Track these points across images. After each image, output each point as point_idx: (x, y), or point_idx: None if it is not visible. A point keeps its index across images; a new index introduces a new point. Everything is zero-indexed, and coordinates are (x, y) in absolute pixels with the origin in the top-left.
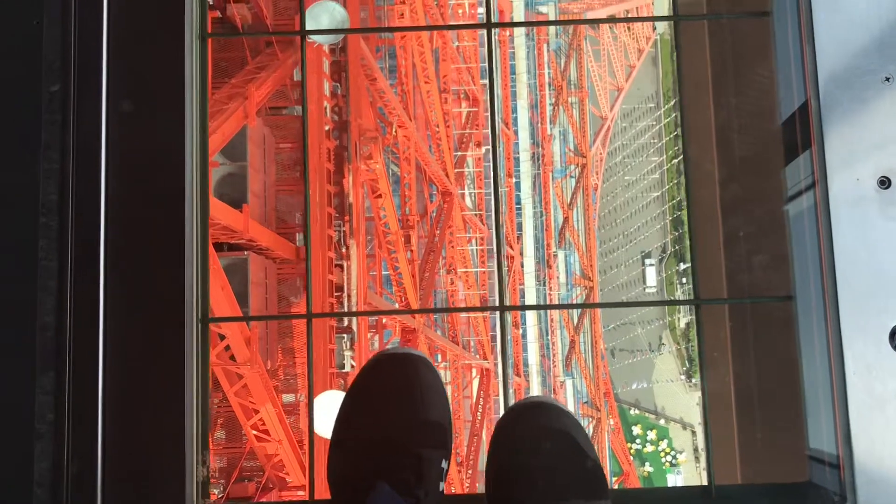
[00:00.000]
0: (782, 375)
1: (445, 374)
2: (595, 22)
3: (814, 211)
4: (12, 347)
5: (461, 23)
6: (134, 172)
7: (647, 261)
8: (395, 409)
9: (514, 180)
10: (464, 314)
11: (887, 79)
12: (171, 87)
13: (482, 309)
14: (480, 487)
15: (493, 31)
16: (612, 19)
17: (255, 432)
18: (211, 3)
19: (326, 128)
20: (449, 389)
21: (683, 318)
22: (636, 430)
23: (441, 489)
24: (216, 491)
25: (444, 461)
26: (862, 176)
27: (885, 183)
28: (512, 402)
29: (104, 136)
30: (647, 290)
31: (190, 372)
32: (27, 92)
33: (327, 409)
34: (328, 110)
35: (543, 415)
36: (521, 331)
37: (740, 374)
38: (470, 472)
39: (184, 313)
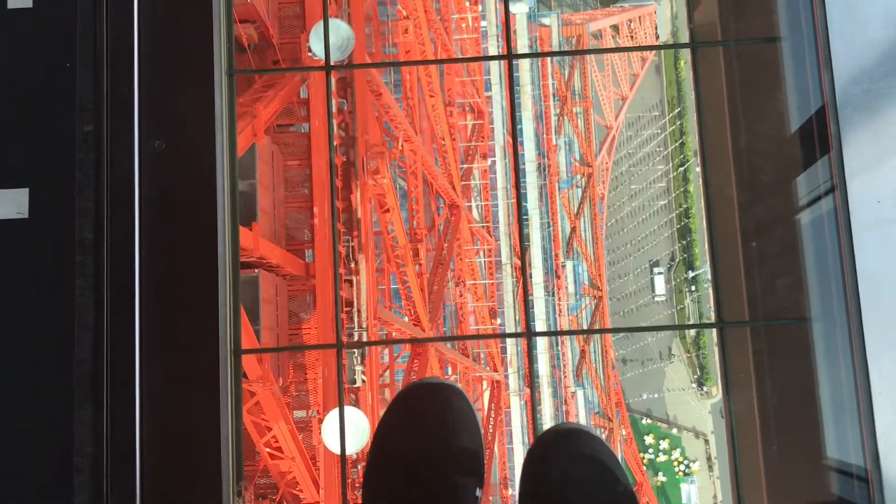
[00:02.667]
0: (804, 394)
1: None
2: (615, 51)
3: (836, 234)
4: (51, 383)
5: (481, 55)
6: (168, 209)
7: (656, 269)
8: (428, 438)
9: (520, 191)
10: (473, 326)
11: None
12: (202, 124)
13: (510, 336)
14: (495, 501)
15: (512, 61)
16: (627, 48)
17: (268, 450)
18: None
19: (334, 143)
20: None
21: None
22: (648, 439)
23: None
24: None
25: (478, 489)
26: (883, 197)
27: None
28: (537, 422)
29: (137, 173)
30: (656, 299)
31: (225, 404)
32: (61, 132)
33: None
34: (335, 127)
35: (575, 441)
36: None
37: (763, 394)
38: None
39: (218, 347)
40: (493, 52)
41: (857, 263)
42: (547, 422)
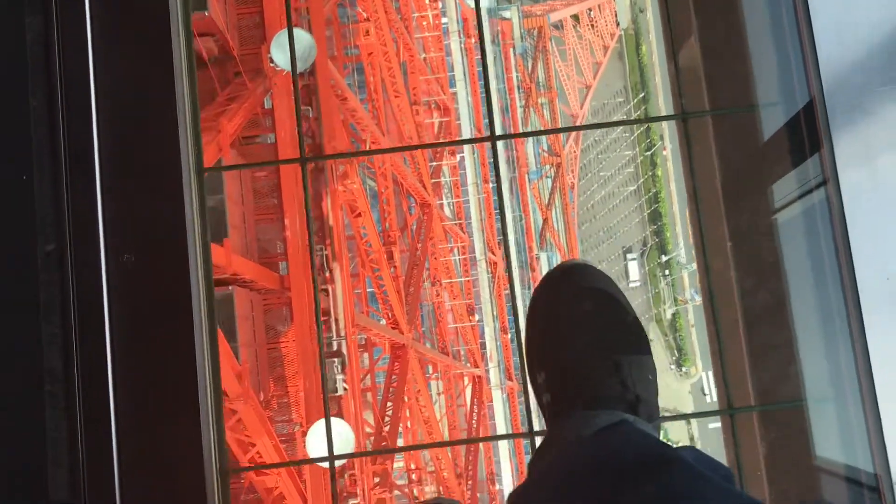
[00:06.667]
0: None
1: (437, 385)
2: (619, 125)
3: (845, 313)
4: None
5: (467, 138)
6: (141, 327)
7: (629, 255)
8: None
9: (490, 185)
10: (451, 324)
11: None
12: (172, 232)
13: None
14: (482, 498)
15: (497, 142)
16: (623, 122)
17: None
18: None
19: None
20: (442, 399)
21: (669, 309)
22: None
23: None
24: None
25: None
26: (891, 274)
27: None
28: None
29: (106, 292)
30: (630, 285)
31: None
32: (22, 252)
33: (324, 436)
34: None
35: (579, 276)
36: (509, 336)
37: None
38: (470, 482)
39: (203, 467)
40: (454, 47)
41: (868, 342)
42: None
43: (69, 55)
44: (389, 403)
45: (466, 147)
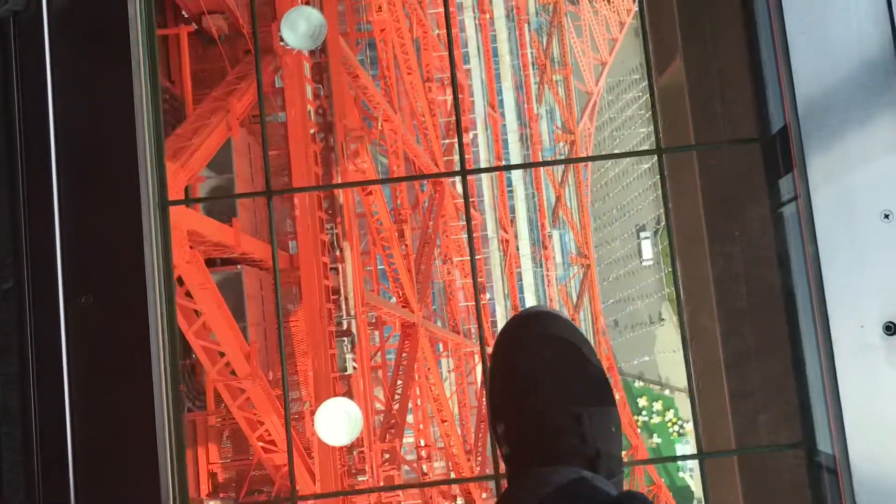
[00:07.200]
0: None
1: (448, 363)
2: (587, 159)
3: (817, 359)
4: None
5: (437, 172)
6: (99, 368)
7: (643, 234)
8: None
9: (503, 162)
10: (462, 303)
11: (886, 216)
12: (132, 271)
13: None
14: (491, 473)
15: (466, 177)
16: (601, 156)
17: (261, 444)
18: (185, 15)
19: (311, 131)
20: (452, 377)
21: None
22: (642, 402)
23: None
24: None
25: None
26: (867, 323)
27: (891, 329)
28: None
29: (64, 332)
30: (643, 264)
31: None
32: None
33: (333, 416)
34: (312, 113)
35: (543, 323)
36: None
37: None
38: (479, 458)
39: None
40: (468, 23)
41: (840, 393)
42: None
43: (28, 91)
44: (400, 381)
45: (479, 125)
